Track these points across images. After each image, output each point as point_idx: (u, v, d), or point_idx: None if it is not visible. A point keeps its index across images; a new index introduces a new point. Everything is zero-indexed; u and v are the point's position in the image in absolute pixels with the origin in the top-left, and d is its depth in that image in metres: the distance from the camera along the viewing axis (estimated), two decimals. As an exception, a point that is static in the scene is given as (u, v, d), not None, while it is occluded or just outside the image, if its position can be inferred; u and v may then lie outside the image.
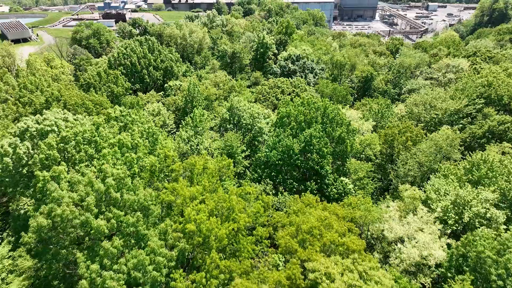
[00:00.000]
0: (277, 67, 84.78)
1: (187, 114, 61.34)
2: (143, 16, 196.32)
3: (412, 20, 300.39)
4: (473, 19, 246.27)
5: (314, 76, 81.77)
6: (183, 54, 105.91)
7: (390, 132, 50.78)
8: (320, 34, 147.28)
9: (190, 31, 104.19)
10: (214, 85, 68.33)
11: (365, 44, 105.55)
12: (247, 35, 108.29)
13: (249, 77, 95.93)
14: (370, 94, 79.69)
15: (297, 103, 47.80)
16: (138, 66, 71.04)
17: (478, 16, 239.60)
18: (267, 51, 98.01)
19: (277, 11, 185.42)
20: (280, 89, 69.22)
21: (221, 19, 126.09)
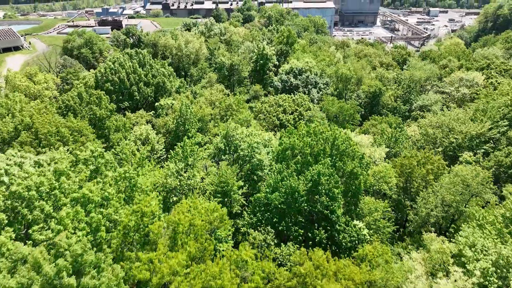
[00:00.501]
0: (278, 80, 78.59)
1: (179, 138, 55.01)
2: (140, 22, 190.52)
3: (414, 26, 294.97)
4: (476, 25, 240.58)
5: (318, 91, 75.51)
6: (179, 65, 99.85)
7: (407, 162, 44.40)
8: (322, 43, 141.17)
9: (185, 41, 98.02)
10: (209, 104, 62.05)
11: (371, 55, 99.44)
12: (246, 45, 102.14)
13: (248, 90, 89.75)
14: (379, 110, 73.40)
15: (302, 131, 41.43)
16: (127, 82, 64.79)
17: (481, 22, 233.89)
18: (267, 62, 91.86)
19: (277, 17, 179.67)
20: (282, 108, 62.92)
21: (219, 27, 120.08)
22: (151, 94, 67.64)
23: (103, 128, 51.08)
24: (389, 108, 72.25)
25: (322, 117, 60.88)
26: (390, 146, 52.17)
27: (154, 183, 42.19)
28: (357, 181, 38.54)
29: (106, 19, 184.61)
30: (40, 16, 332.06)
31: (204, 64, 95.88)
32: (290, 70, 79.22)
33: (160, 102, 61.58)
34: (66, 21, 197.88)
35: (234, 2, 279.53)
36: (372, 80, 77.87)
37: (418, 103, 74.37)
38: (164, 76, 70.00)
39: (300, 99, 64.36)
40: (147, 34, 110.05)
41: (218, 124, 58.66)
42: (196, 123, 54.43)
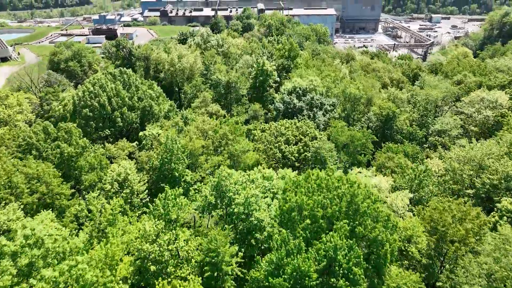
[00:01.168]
0: (279, 101, 70.23)
1: (164, 177, 46.58)
2: (135, 31, 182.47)
3: (416, 33, 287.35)
4: (482, 32, 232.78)
5: (324, 114, 67.14)
6: (172, 81, 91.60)
7: (438, 216, 35.89)
8: (325, 54, 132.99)
9: (179, 55, 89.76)
10: (201, 133, 53.62)
11: (379, 70, 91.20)
12: (244, 59, 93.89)
13: (246, 109, 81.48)
14: (392, 136, 64.98)
15: (312, 184, 32.92)
16: (108, 108, 56.42)
17: (487, 30, 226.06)
18: (267, 79, 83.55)
19: (277, 26, 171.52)
20: (284, 137, 54.49)
21: (216, 38, 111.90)
22: (137, 120, 59.27)
23: (74, 169, 42.66)
24: (404, 134, 63.87)
25: (330, 149, 52.45)
26: (413, 188, 43.73)
27: (128, 245, 33.77)
28: (382, 250, 30.05)
29: (100, 28, 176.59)
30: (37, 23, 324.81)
31: (199, 80, 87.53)
32: (293, 89, 70.87)
33: (145, 131, 53.14)
34: (60, 29, 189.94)
35: (233, 9, 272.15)
36: (384, 101, 69.46)
37: (435, 127, 65.94)
38: (152, 99, 61.63)
39: (305, 127, 55.91)
40: (139, 46, 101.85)
41: (211, 159, 50.18)
42: (184, 160, 45.97)
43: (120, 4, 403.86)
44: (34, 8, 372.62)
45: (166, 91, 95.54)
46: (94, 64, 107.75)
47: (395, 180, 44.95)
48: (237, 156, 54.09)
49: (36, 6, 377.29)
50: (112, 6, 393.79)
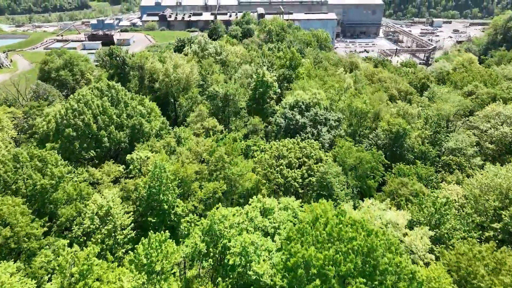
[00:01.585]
0: (280, 116, 65.00)
1: (152, 209, 41.32)
2: (133, 36, 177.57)
3: (418, 37, 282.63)
4: (485, 37, 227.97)
5: (329, 130, 61.92)
6: (167, 92, 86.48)
7: (467, 264, 30.59)
8: (327, 61, 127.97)
9: (174, 65, 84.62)
10: (195, 156, 48.34)
11: (385, 80, 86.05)
12: (244, 69, 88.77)
13: (245, 123, 76.31)
14: (403, 155, 59.69)
15: (321, 230, 27.62)
16: (93, 127, 51.16)
17: (491, 35, 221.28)
18: (267, 90, 78.41)
19: (278, 31, 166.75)
20: (287, 160, 49.22)
21: (214, 46, 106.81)
22: (125, 139, 53.97)
23: (49, 202, 37.38)
24: (415, 153, 58.62)
25: (337, 173, 47.17)
26: (433, 223, 38.40)
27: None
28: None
29: (96, 34, 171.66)
30: (35, 27, 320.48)
31: (195, 91, 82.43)
32: (295, 103, 65.66)
33: (133, 154, 47.83)
34: (55, 35, 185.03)
35: (233, 13, 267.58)
36: (393, 116, 64.21)
37: (449, 145, 60.63)
38: (142, 116, 56.35)
39: (309, 148, 50.60)
40: (133, 55, 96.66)
41: (206, 186, 44.86)
42: (174, 190, 40.68)
43: (120, 8, 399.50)
44: (33, 13, 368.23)
45: (161, 102, 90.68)
46: (87, 73, 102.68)
47: (412, 212, 39.64)
48: (234, 180, 48.89)
49: (35, 10, 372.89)
50: (111, 11, 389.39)
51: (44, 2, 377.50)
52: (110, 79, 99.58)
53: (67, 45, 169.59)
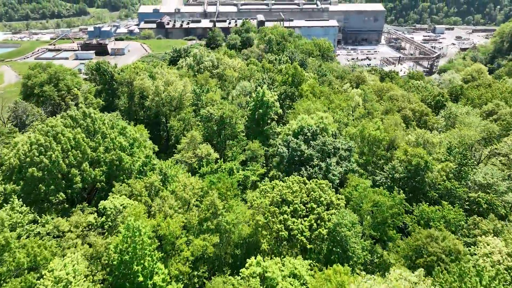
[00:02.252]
0: (283, 144, 56.63)
1: (125, 280, 32.82)
2: (128, 45, 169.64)
3: (421, 44, 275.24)
4: (491, 45, 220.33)
5: (339, 162, 53.58)
6: (158, 111, 78.34)
7: None
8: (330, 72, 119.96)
9: (166, 81, 76.47)
10: (181, 204, 39.95)
11: (397, 98, 77.82)
12: (242, 86, 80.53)
13: (243, 148, 68.05)
14: (425, 192, 51.29)
15: None
16: (63, 165, 42.86)
17: (497, 43, 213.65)
18: (268, 111, 70.10)
19: (278, 40, 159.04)
20: (292, 207, 40.81)
21: (210, 59, 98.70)
22: (101, 177, 45.61)
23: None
24: (439, 190, 50.27)
25: (353, 223, 38.78)
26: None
27: None
28: None
29: (89, 43, 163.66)
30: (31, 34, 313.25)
31: (188, 113, 74.15)
32: (299, 130, 57.34)
33: (107, 201, 39.42)
34: (48, 43, 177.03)
35: (232, 20, 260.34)
36: (411, 145, 55.84)
37: (477, 179, 52.18)
38: (123, 150, 47.99)
39: (317, 191, 42.15)
40: (122, 70, 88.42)
41: (193, 243, 36.44)
42: (152, 256, 32.22)
43: (118, 14, 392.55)
44: (30, 19, 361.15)
45: (152, 120, 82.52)
46: (73, 88, 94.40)
47: (450, 285, 31.20)
48: (229, 230, 40.53)
49: (32, 17, 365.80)
50: (110, 17, 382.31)
51: (42, 9, 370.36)
52: (98, 95, 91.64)
53: (59, 54, 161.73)
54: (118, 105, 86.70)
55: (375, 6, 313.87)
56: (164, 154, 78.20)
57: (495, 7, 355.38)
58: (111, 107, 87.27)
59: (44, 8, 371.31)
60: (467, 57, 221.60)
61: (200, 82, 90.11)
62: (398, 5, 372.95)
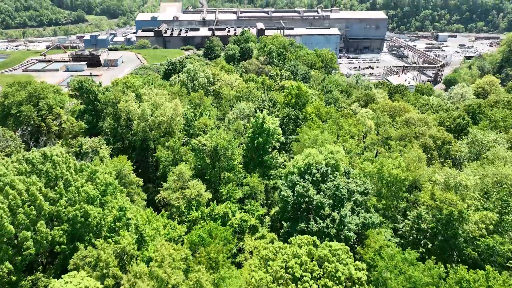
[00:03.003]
0: (286, 185, 47.16)
1: None
2: (121, 57, 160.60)
3: (424, 53, 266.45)
4: (498, 54, 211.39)
5: (354, 210, 44.18)
6: (146, 137, 69.06)
7: None
8: (335, 87, 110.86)
9: (154, 104, 67.22)
10: (158, 285, 30.45)
11: (414, 122, 68.53)
12: (240, 108, 71.15)
13: (241, 182, 58.67)
14: (460, 249, 41.82)
15: None
16: (8, 228, 33.42)
17: (505, 52, 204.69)
18: (269, 139, 60.77)
19: (279, 51, 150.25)
20: (301, 286, 31.26)
21: (205, 75, 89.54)
22: (62, 239, 36.13)
23: None
24: (479, 247, 40.89)
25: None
26: None
27: None
28: None
29: (81, 54, 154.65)
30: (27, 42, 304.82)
31: (179, 139, 64.77)
32: (306, 168, 47.88)
33: (61, 281, 29.97)
34: (39, 54, 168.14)
35: (231, 28, 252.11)
36: (439, 188, 46.41)
37: (521, 231, 42.67)
38: (91, 201, 38.50)
39: (334, 261, 32.63)
40: (107, 89, 79.18)
41: None
42: None
43: (116, 22, 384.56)
44: (27, 27, 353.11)
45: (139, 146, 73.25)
46: (55, 108, 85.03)
47: None
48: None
49: (30, 24, 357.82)
50: (108, 25, 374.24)
51: (40, 16, 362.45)
52: (81, 117, 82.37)
53: (50, 66, 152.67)
54: (103, 127, 77.41)
55: (377, 13, 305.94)
56: (152, 185, 68.80)
57: (498, 14, 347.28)
58: (95, 130, 78.12)
59: (42, 15, 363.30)
60: (474, 67, 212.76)
61: (194, 101, 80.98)
62: (399, 12, 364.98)
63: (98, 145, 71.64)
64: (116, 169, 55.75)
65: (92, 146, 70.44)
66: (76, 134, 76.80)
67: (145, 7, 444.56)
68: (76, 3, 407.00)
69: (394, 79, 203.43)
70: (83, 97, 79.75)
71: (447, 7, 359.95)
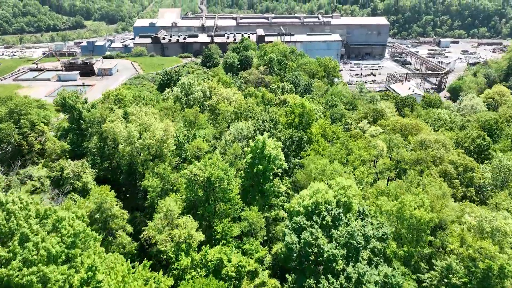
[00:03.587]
0: (291, 230, 39.86)
1: None
2: (116, 65, 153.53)
3: (427, 59, 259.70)
4: (504, 62, 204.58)
5: (372, 261, 36.95)
6: (133, 162, 61.75)
7: None
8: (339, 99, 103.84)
9: (142, 125, 60.03)
10: None
11: (432, 144, 61.32)
12: (238, 128, 63.89)
13: (238, 216, 51.42)
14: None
15: None
16: None
17: (511, 59, 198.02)
18: (270, 166, 53.53)
19: (280, 59, 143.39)
20: None
21: (201, 89, 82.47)
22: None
23: None
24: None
25: None
26: None
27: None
28: None
29: (74, 62, 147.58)
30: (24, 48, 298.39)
31: (168, 165, 57.52)
32: (313, 207, 40.62)
33: None
34: (31, 62, 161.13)
35: (231, 34, 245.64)
36: (472, 232, 39.23)
37: None
38: (53, 260, 31.22)
39: None
40: (93, 105, 71.97)
41: None
42: None
43: (115, 28, 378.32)
44: (25, 33, 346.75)
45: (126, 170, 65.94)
46: (38, 124, 77.93)
47: None
48: None
49: (27, 30, 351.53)
50: (107, 30, 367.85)
51: (37, 22, 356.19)
52: (64, 136, 75.27)
53: (41, 75, 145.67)
54: (88, 149, 70.04)
55: (379, 19, 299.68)
56: (140, 214, 61.47)
57: (501, 20, 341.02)
58: (79, 150, 70.95)
59: (40, 21, 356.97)
60: (479, 74, 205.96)
61: (189, 118, 73.91)
62: (400, 18, 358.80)
63: (81, 169, 64.51)
64: (97, 202, 48.63)
65: (74, 170, 63.32)
66: (58, 156, 69.59)
67: (144, 12, 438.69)
68: (75, 9, 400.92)
69: (398, 87, 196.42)
70: (67, 114, 72.70)
71: (448, 12, 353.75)
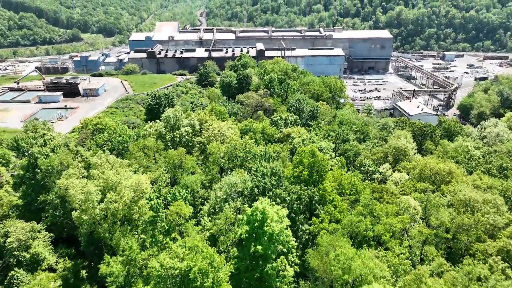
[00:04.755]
0: None
1: None
2: (103, 85, 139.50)
3: (433, 74, 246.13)
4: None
5: None
6: (93, 232, 46.90)
7: None
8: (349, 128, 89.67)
9: (107, 180, 45.59)
10: None
11: (481, 206, 46.89)
12: (230, 183, 49.37)
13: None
14: None
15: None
16: None
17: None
18: (273, 247, 38.89)
19: (281, 78, 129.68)
20: None
21: (189, 122, 68.23)
22: None
23: None
24: None
25: None
26: None
27: None
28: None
29: (58, 82, 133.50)
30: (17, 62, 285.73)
31: (137, 242, 42.74)
32: None
33: None
34: (14, 81, 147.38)
35: (229, 49, 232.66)
36: None
37: None
38: None
39: None
40: (53, 149, 57.42)
41: None
42: None
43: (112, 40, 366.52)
44: (20, 46, 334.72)
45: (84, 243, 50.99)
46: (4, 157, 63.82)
47: None
48: None
49: (23, 43, 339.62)
50: (104, 43, 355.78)
51: (33, 35, 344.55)
52: (17, 187, 60.58)
53: (21, 96, 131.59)
54: (46, 202, 55.30)
55: (382, 32, 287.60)
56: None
57: (506, 33, 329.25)
58: (35, 205, 56.28)
59: (35, 34, 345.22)
60: (491, 91, 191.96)
61: (173, 161, 59.58)
62: (403, 31, 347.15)
63: (30, 235, 49.93)
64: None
65: (20, 239, 48.67)
66: (6, 214, 54.82)
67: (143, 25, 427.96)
68: (72, 22, 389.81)
69: (406, 106, 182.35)
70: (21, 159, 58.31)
71: (452, 25, 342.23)
